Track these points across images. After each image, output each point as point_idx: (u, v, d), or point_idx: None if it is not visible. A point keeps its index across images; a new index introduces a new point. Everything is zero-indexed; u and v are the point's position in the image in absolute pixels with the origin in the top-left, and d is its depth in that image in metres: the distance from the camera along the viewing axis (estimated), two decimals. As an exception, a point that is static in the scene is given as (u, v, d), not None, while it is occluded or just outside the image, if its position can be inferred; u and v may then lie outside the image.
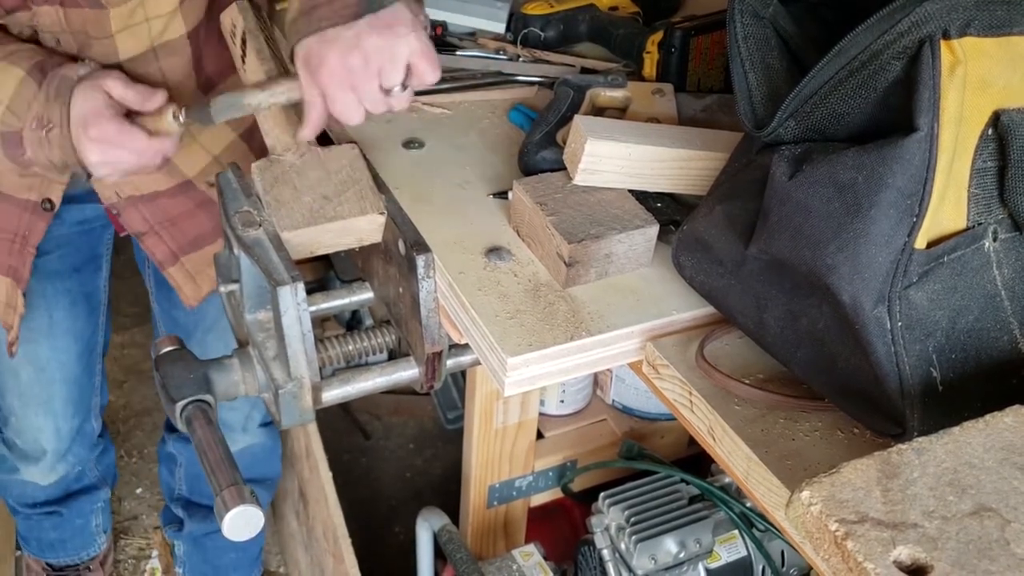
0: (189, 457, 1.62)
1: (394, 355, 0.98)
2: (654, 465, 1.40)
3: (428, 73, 0.88)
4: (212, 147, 1.25)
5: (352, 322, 2.04)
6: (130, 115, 1.00)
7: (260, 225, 0.88)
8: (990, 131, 0.65)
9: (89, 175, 1.05)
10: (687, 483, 1.37)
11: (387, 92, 0.89)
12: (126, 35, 1.09)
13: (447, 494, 1.84)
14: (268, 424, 1.57)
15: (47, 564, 1.77)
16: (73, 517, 1.69)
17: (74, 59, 1.06)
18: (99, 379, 1.58)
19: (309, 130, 0.92)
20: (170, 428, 1.67)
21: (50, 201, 1.21)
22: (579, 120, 0.86)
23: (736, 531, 1.32)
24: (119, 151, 1.00)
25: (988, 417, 0.60)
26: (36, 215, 1.22)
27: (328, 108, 0.89)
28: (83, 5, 1.05)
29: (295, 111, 0.94)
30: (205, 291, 1.32)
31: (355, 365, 0.95)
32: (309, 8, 0.88)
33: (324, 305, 1.00)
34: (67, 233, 1.35)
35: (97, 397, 1.58)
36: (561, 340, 0.78)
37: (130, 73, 1.08)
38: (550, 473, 1.49)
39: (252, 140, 1.27)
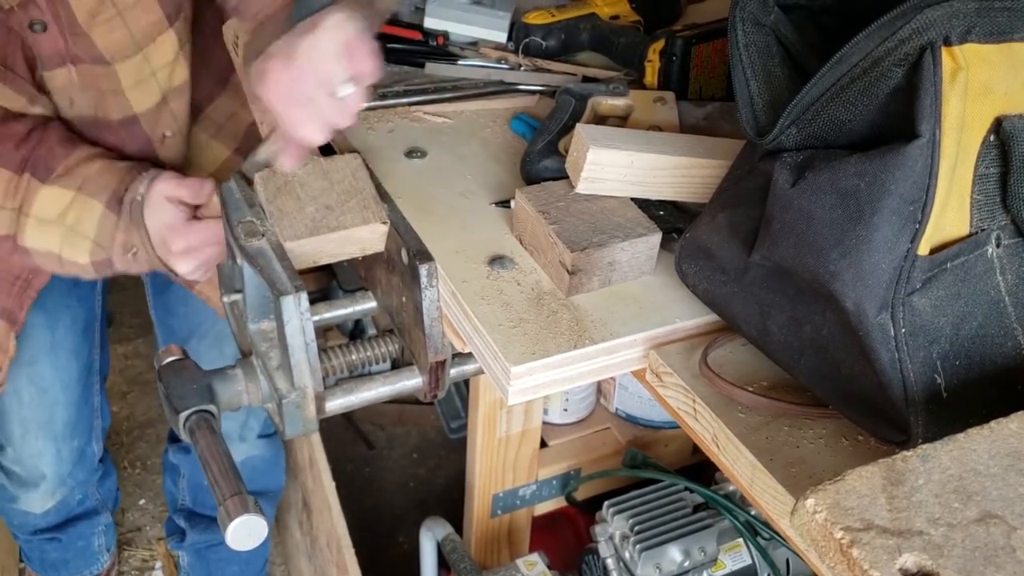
0: (191, 468, 1.62)
1: (397, 364, 0.97)
2: (658, 473, 1.40)
3: (364, 60, 0.84)
4: (208, 166, 1.26)
5: (355, 332, 2.04)
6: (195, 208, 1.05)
7: (263, 235, 0.88)
8: (992, 137, 0.65)
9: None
10: (691, 491, 1.37)
11: (339, 97, 0.85)
12: (138, 91, 1.13)
13: (451, 503, 1.84)
14: (268, 435, 1.57)
15: None
16: (74, 540, 1.68)
17: (111, 149, 1.13)
18: (99, 400, 1.57)
19: (287, 161, 0.90)
20: (172, 439, 1.67)
21: None
22: (581, 128, 0.87)
23: (741, 539, 1.32)
24: (203, 252, 1.06)
25: (993, 423, 0.60)
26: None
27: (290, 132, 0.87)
28: (88, 61, 1.06)
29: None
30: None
31: (358, 375, 0.95)
32: (256, 31, 0.88)
33: (327, 315, 1.00)
34: None
35: (98, 420, 1.57)
36: (564, 348, 0.78)
37: (148, 124, 1.11)
38: (554, 482, 1.48)
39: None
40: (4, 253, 1.10)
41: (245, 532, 0.80)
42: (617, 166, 0.86)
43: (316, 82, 0.83)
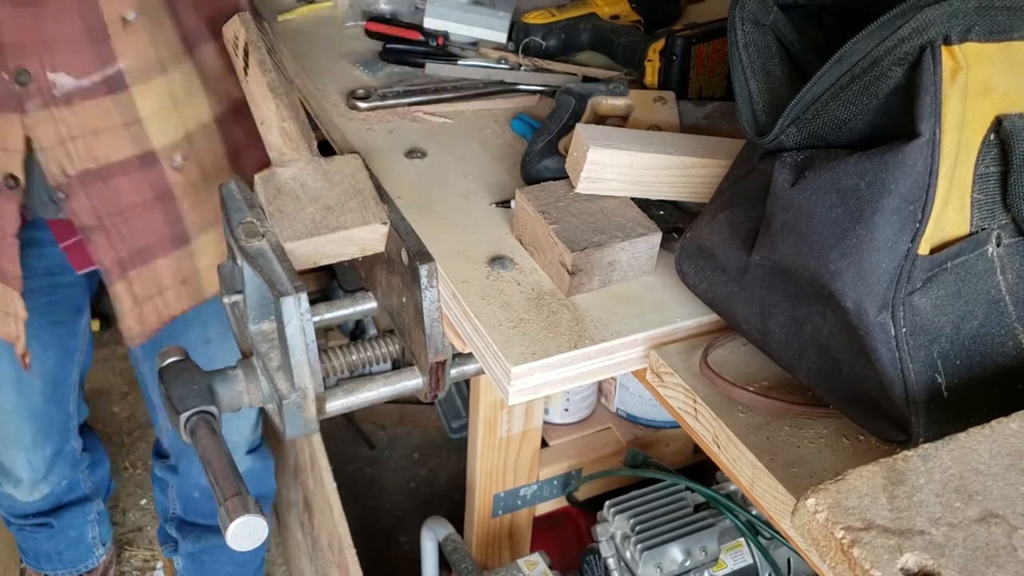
0: (178, 481, 1.61)
1: (398, 365, 0.97)
2: (659, 473, 1.40)
3: None
4: (189, 121, 1.16)
5: (356, 332, 2.04)
6: None
7: (263, 236, 0.88)
8: (992, 136, 0.65)
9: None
10: (692, 491, 1.37)
11: None
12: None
13: (452, 504, 1.84)
14: (255, 450, 1.56)
15: None
16: (66, 529, 1.68)
17: None
18: (74, 405, 1.54)
19: None
20: (158, 454, 1.65)
21: (13, 177, 1.10)
22: (581, 128, 0.86)
23: (742, 539, 1.32)
24: None
25: (994, 423, 0.60)
26: (1, 197, 1.12)
27: None
28: None
29: (299, 125, 0.95)
30: (149, 326, 1.21)
31: (359, 375, 0.95)
32: None
33: (328, 315, 1.00)
34: (37, 287, 1.28)
35: (74, 420, 1.55)
36: (565, 348, 0.78)
37: None
38: (555, 482, 1.49)
39: (225, 130, 1.20)
40: None
41: (245, 532, 0.80)
42: (617, 166, 0.86)
43: None
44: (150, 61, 1.10)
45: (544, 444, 1.47)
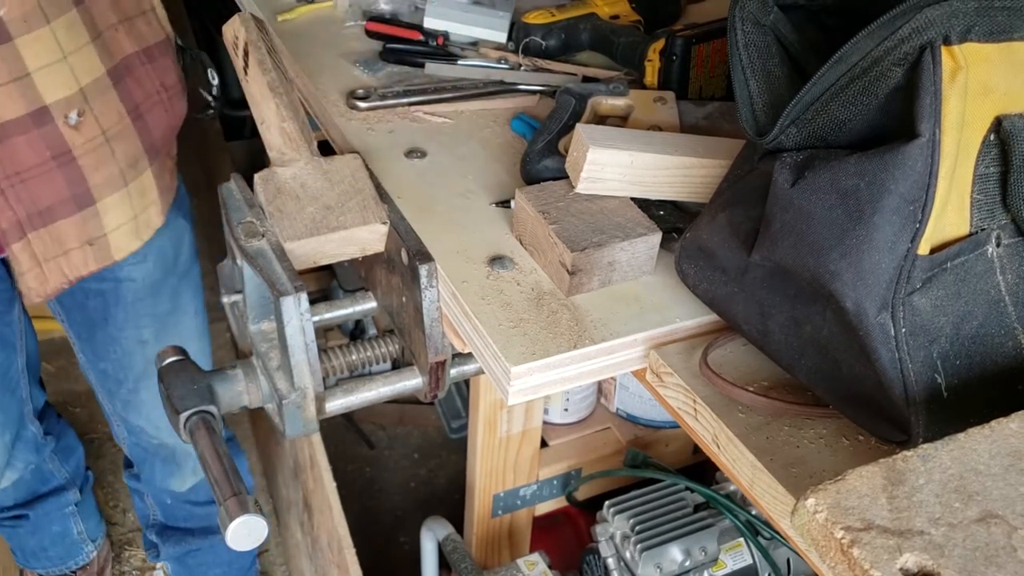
0: (147, 488, 1.61)
1: (398, 365, 0.97)
2: (659, 473, 1.40)
3: None
4: (80, 75, 1.12)
5: (356, 332, 2.04)
6: None
7: (263, 236, 0.88)
8: (992, 136, 0.65)
9: None
10: (692, 491, 1.37)
11: None
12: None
13: (452, 504, 1.84)
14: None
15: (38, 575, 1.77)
16: (47, 523, 1.67)
17: None
18: (25, 391, 1.52)
19: None
20: (127, 463, 1.66)
21: None
22: (581, 128, 0.86)
23: (741, 539, 1.32)
24: None
25: (994, 423, 0.60)
26: None
27: None
28: None
29: (298, 124, 0.95)
30: (53, 285, 1.20)
31: (359, 375, 0.95)
32: None
33: (327, 315, 1.00)
34: None
35: (27, 406, 1.54)
36: (565, 348, 0.78)
37: None
38: (554, 482, 1.49)
39: (122, 89, 1.18)
40: None
41: (245, 532, 0.80)
42: (617, 166, 0.86)
43: None
44: (32, 8, 1.06)
45: (544, 444, 1.47)
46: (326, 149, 1.01)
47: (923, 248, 0.63)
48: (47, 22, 1.08)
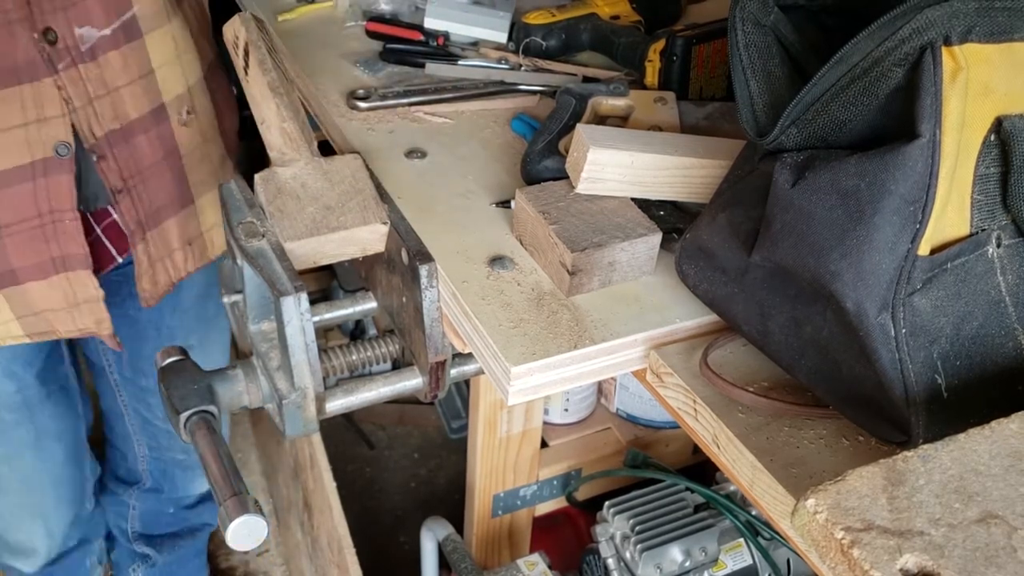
0: (157, 501, 1.61)
1: (398, 365, 0.98)
2: (659, 473, 1.40)
3: None
4: (188, 74, 1.17)
5: (356, 332, 2.04)
6: None
7: (263, 236, 0.88)
8: (992, 137, 0.65)
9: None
10: (692, 491, 1.37)
11: None
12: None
13: (452, 504, 1.84)
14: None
15: None
16: (69, 572, 1.66)
17: None
18: (89, 462, 1.51)
19: None
20: (117, 483, 1.64)
21: (65, 144, 1.05)
22: (581, 129, 0.86)
23: (742, 539, 1.32)
24: None
25: (994, 424, 0.60)
26: (53, 169, 1.06)
27: None
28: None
29: (299, 124, 0.95)
30: (162, 287, 1.21)
31: (359, 375, 0.95)
32: None
33: (328, 315, 1.00)
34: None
35: (89, 481, 1.52)
36: (565, 349, 0.78)
37: None
38: (555, 482, 1.49)
39: (211, 89, 1.22)
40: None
41: (245, 531, 0.80)
42: (617, 166, 0.86)
43: None
44: (160, 6, 1.11)
45: (544, 444, 1.47)
46: (326, 149, 1.01)
47: (923, 249, 0.63)
48: (168, 21, 1.12)
